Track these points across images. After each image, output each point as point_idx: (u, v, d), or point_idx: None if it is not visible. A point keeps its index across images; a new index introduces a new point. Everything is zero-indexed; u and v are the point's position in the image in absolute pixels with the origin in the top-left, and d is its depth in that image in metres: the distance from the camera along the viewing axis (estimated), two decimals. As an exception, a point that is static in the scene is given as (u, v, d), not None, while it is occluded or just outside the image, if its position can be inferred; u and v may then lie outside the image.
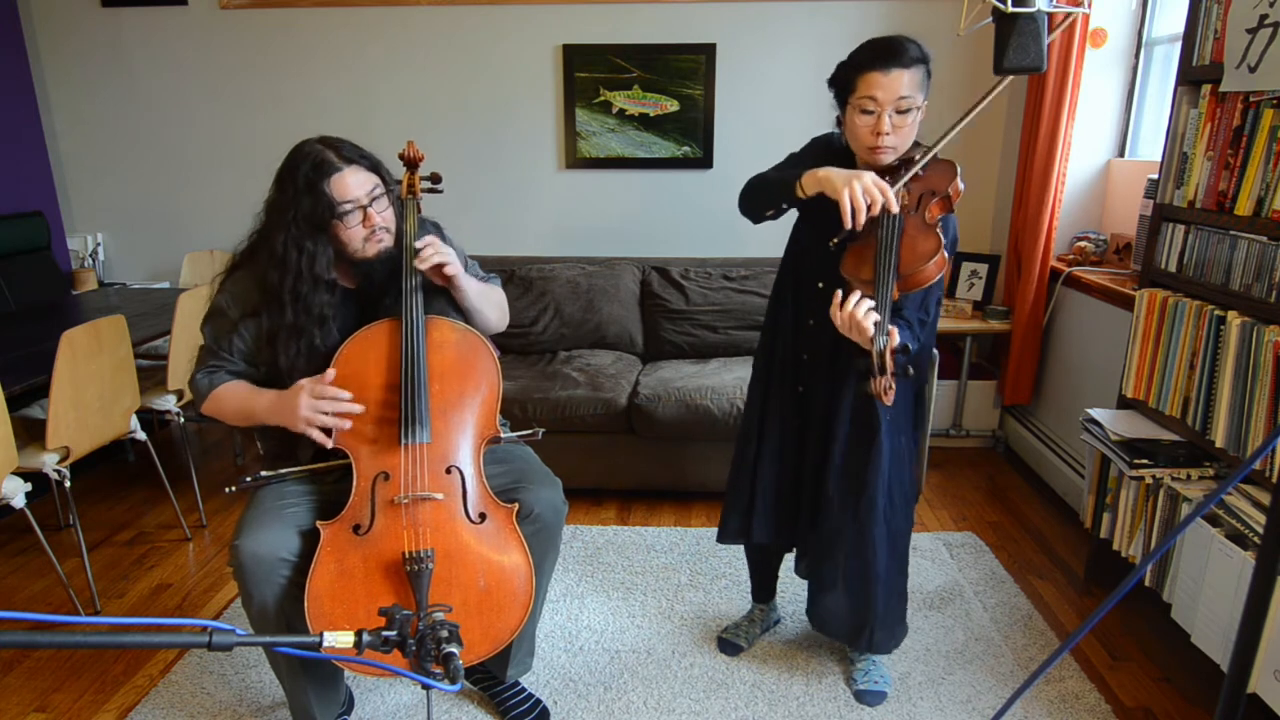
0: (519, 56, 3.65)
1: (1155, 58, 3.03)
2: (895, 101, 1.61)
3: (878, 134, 1.63)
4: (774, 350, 1.94)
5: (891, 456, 1.82)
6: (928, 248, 1.59)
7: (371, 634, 0.91)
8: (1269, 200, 1.84)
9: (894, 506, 1.85)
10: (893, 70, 1.60)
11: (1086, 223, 3.23)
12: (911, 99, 1.62)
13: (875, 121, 1.63)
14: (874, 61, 1.61)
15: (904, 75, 1.60)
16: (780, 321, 1.92)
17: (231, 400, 1.69)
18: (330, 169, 1.60)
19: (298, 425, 1.60)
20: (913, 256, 1.59)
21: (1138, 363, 2.29)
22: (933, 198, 1.63)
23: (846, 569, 1.88)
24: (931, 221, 1.63)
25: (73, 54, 3.77)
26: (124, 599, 2.51)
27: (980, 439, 3.62)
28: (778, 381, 1.93)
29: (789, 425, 1.93)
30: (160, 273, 4.01)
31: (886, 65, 1.60)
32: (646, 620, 2.35)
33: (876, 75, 1.60)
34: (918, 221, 1.62)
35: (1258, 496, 1.84)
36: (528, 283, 3.49)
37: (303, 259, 1.62)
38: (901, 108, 1.62)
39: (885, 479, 1.82)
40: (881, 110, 1.62)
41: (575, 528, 2.87)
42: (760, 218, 1.81)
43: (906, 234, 1.61)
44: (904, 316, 1.72)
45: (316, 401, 1.59)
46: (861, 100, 1.63)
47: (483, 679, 2.01)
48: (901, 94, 1.60)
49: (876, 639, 1.94)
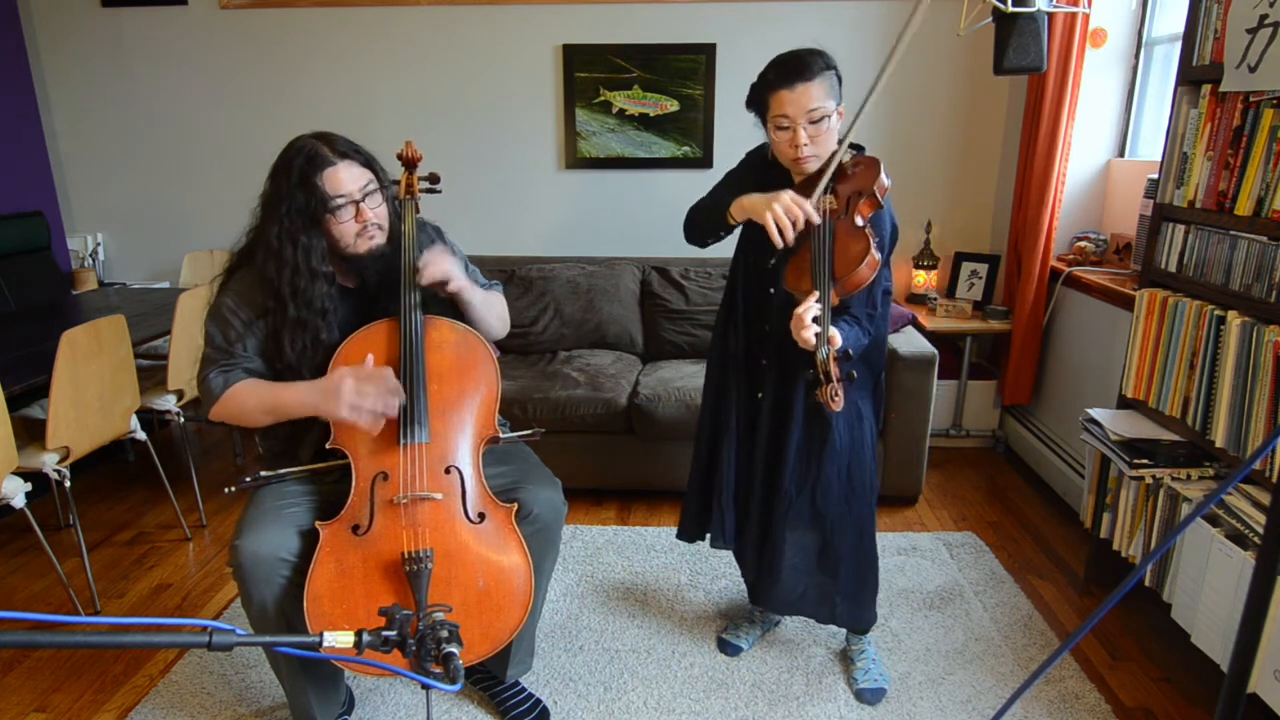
0: (519, 56, 3.65)
1: (1155, 58, 3.03)
2: (806, 114, 1.68)
3: (795, 146, 1.71)
4: (727, 358, 1.99)
5: (851, 444, 1.88)
6: (858, 250, 1.65)
7: (371, 634, 0.91)
8: (1269, 200, 1.84)
9: (854, 491, 1.91)
10: (797, 86, 1.67)
11: (1086, 223, 3.23)
12: (822, 108, 1.68)
13: (792, 135, 1.71)
14: (779, 81, 1.69)
15: (809, 88, 1.67)
16: (731, 330, 1.98)
17: (253, 396, 1.65)
18: (323, 163, 1.60)
19: (341, 413, 1.54)
20: (845, 260, 1.66)
21: (1138, 363, 2.29)
22: (860, 198, 1.70)
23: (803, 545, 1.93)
24: (863, 222, 1.69)
25: (73, 54, 3.77)
26: (124, 599, 2.51)
27: (980, 439, 3.62)
28: (734, 386, 1.98)
29: (744, 428, 1.98)
30: (160, 273, 4.01)
31: (791, 82, 1.68)
32: (646, 620, 2.35)
33: (784, 93, 1.68)
34: (848, 225, 1.69)
35: (1258, 496, 1.84)
36: (528, 283, 3.49)
37: (298, 252, 1.61)
38: (813, 118, 1.69)
39: (844, 463, 1.88)
40: (795, 124, 1.69)
41: (575, 528, 2.87)
42: (705, 244, 1.93)
43: (838, 240, 1.68)
44: (852, 314, 1.78)
45: (363, 385, 1.55)
46: (776, 118, 1.72)
47: (483, 679, 2.01)
48: (810, 106, 1.68)
49: (840, 611, 1.99)
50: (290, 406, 1.63)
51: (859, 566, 1.97)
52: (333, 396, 1.55)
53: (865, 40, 3.51)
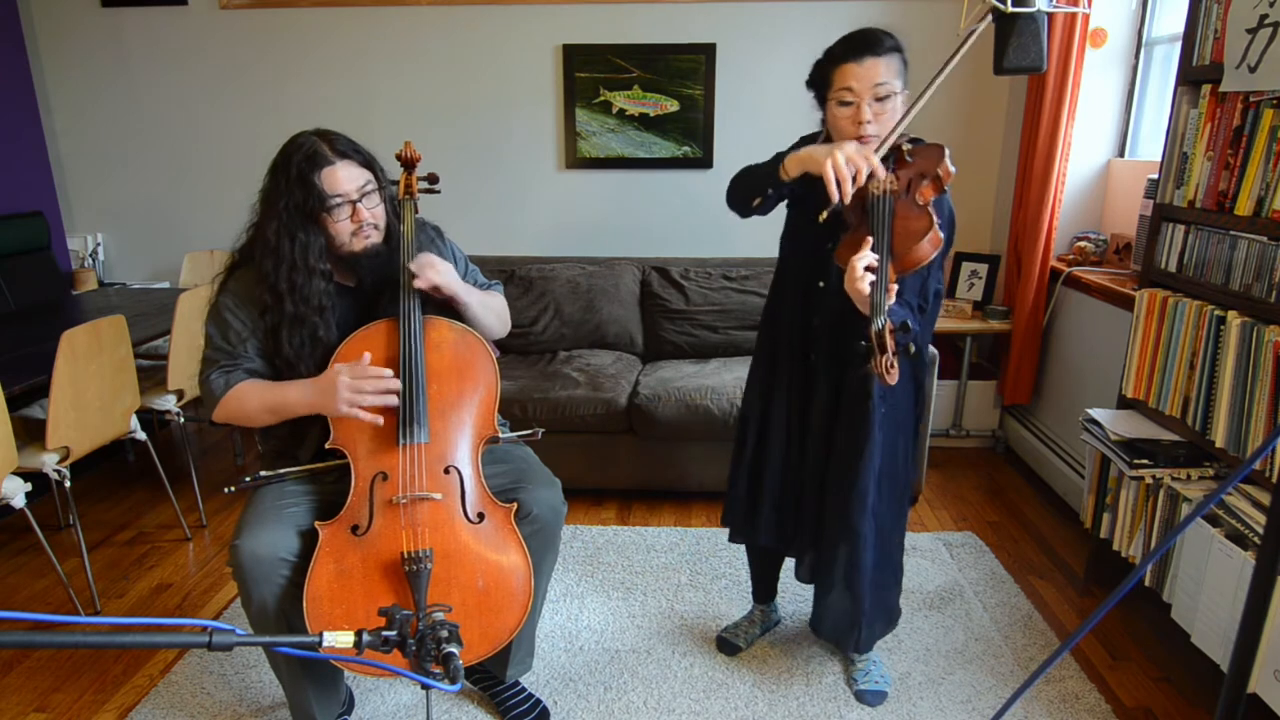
0: (519, 56, 3.65)
1: (1155, 58, 3.03)
2: (873, 89, 1.62)
3: (859, 123, 1.63)
4: (776, 353, 1.92)
5: (885, 450, 1.81)
6: (920, 225, 1.57)
7: (371, 634, 0.91)
8: (1269, 200, 1.84)
9: (883, 501, 1.84)
10: (866, 60, 1.61)
11: (1086, 223, 3.23)
12: (888, 85, 1.62)
13: (855, 111, 1.64)
14: (848, 53, 1.63)
15: (879, 63, 1.61)
16: (780, 322, 1.91)
17: (255, 396, 1.65)
18: (322, 161, 1.60)
19: (339, 409, 1.56)
20: (906, 235, 1.57)
21: (1138, 363, 2.29)
22: (922, 180, 1.62)
23: (840, 570, 1.88)
24: (923, 203, 1.62)
25: (73, 54, 3.77)
26: (124, 599, 2.51)
27: (980, 439, 3.62)
28: (783, 383, 1.91)
29: (793, 426, 1.92)
30: (160, 273, 4.01)
31: (860, 55, 1.62)
32: (646, 620, 2.35)
33: (851, 66, 1.62)
34: (909, 203, 1.61)
35: (1258, 496, 1.84)
36: (528, 283, 3.49)
37: (295, 248, 1.61)
38: (879, 94, 1.62)
39: (875, 472, 1.80)
40: (860, 100, 1.63)
41: (575, 528, 2.87)
42: (748, 210, 1.79)
43: (898, 216, 1.60)
44: (904, 299, 1.70)
45: (358, 382, 1.56)
46: (839, 93, 1.65)
47: (483, 679, 2.01)
48: (878, 80, 1.61)
49: (862, 637, 1.95)
50: (291, 405, 1.64)
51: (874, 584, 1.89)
52: (330, 393, 1.57)
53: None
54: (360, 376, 1.57)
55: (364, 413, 1.57)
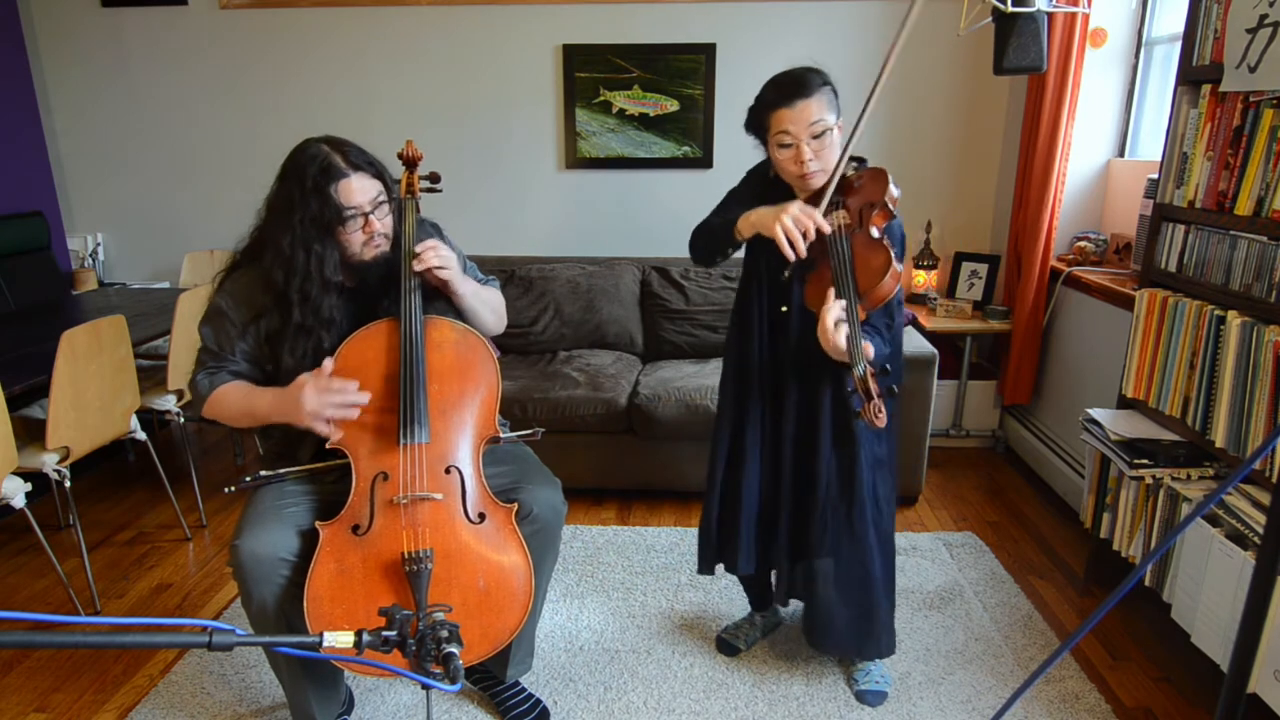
0: (519, 56, 3.65)
1: (1155, 58, 3.03)
2: (808, 129, 1.68)
3: (800, 162, 1.70)
4: (745, 378, 1.94)
5: (872, 461, 1.86)
6: (879, 262, 1.63)
7: (371, 634, 0.91)
8: (1269, 200, 1.84)
9: (880, 510, 1.88)
10: (797, 103, 1.68)
11: (1086, 223, 3.23)
12: (823, 122, 1.69)
13: (795, 152, 1.71)
14: (779, 99, 1.70)
15: (809, 104, 1.68)
16: (747, 348, 1.92)
17: (233, 401, 1.68)
18: (338, 174, 1.59)
19: (304, 420, 1.58)
20: (868, 274, 1.63)
21: (1138, 363, 2.29)
22: (873, 210, 1.69)
23: (846, 581, 1.89)
24: (878, 234, 1.68)
25: (73, 54, 3.77)
26: (124, 599, 2.51)
27: (980, 439, 3.62)
28: (754, 407, 1.93)
29: (766, 450, 1.94)
30: (160, 273, 4.01)
31: (791, 99, 1.68)
32: (646, 620, 2.35)
33: (784, 111, 1.69)
34: (864, 238, 1.67)
35: (1258, 496, 1.84)
36: (528, 283, 3.49)
37: (311, 260, 1.61)
38: (815, 132, 1.69)
39: (870, 483, 1.85)
40: (798, 140, 1.69)
41: (575, 528, 2.87)
42: (713, 262, 1.88)
43: (857, 254, 1.66)
44: (871, 324, 1.75)
45: (322, 395, 1.57)
46: (778, 136, 1.71)
47: (483, 679, 2.01)
48: (811, 120, 1.68)
49: (883, 645, 1.97)
50: (261, 412, 1.66)
51: (885, 590, 1.93)
52: (294, 404, 1.58)
53: (865, 40, 3.51)
54: (325, 390, 1.58)
55: (323, 425, 1.59)
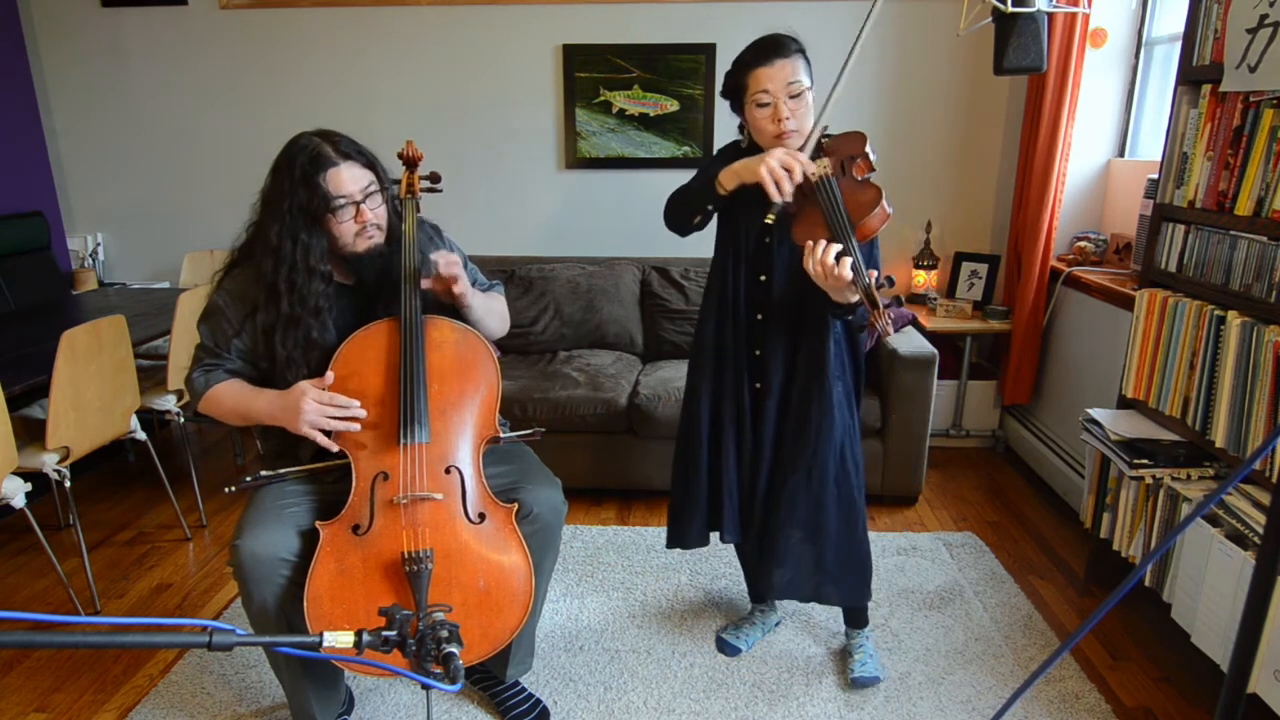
0: (519, 56, 3.65)
1: (1155, 58, 3.03)
2: (786, 88, 1.73)
3: (779, 120, 1.73)
4: (721, 352, 1.96)
5: (841, 427, 1.89)
6: (869, 196, 1.68)
7: (371, 634, 0.91)
8: (1269, 200, 1.84)
9: (845, 472, 1.91)
10: (776, 62, 1.73)
11: (1086, 223, 3.23)
12: (800, 82, 1.74)
13: (773, 110, 1.74)
14: (758, 58, 1.75)
15: (787, 64, 1.73)
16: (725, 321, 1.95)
17: (228, 399, 1.69)
18: (327, 163, 1.60)
19: (300, 429, 1.59)
20: (858, 206, 1.68)
21: (1138, 363, 2.29)
22: (854, 161, 1.73)
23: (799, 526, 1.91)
24: (861, 178, 1.73)
25: (73, 54, 3.77)
26: (124, 599, 2.51)
27: (980, 439, 3.62)
28: (732, 381, 1.95)
29: (744, 421, 1.96)
30: (160, 273, 4.01)
31: (769, 59, 1.73)
32: (646, 620, 2.35)
33: (763, 69, 1.74)
34: (850, 181, 1.73)
35: (1258, 496, 1.84)
36: (528, 283, 3.49)
37: (297, 249, 1.62)
38: (793, 92, 1.73)
39: (836, 446, 1.89)
40: (776, 99, 1.73)
41: (575, 528, 2.87)
42: (688, 229, 1.91)
43: (845, 191, 1.71)
44: None
45: (321, 406, 1.58)
46: (756, 95, 1.75)
47: (483, 679, 2.01)
48: (790, 80, 1.72)
49: (824, 591, 1.97)
50: (257, 414, 1.67)
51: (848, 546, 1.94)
52: (294, 411, 1.59)
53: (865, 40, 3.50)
54: (326, 403, 1.58)
55: (320, 435, 1.59)
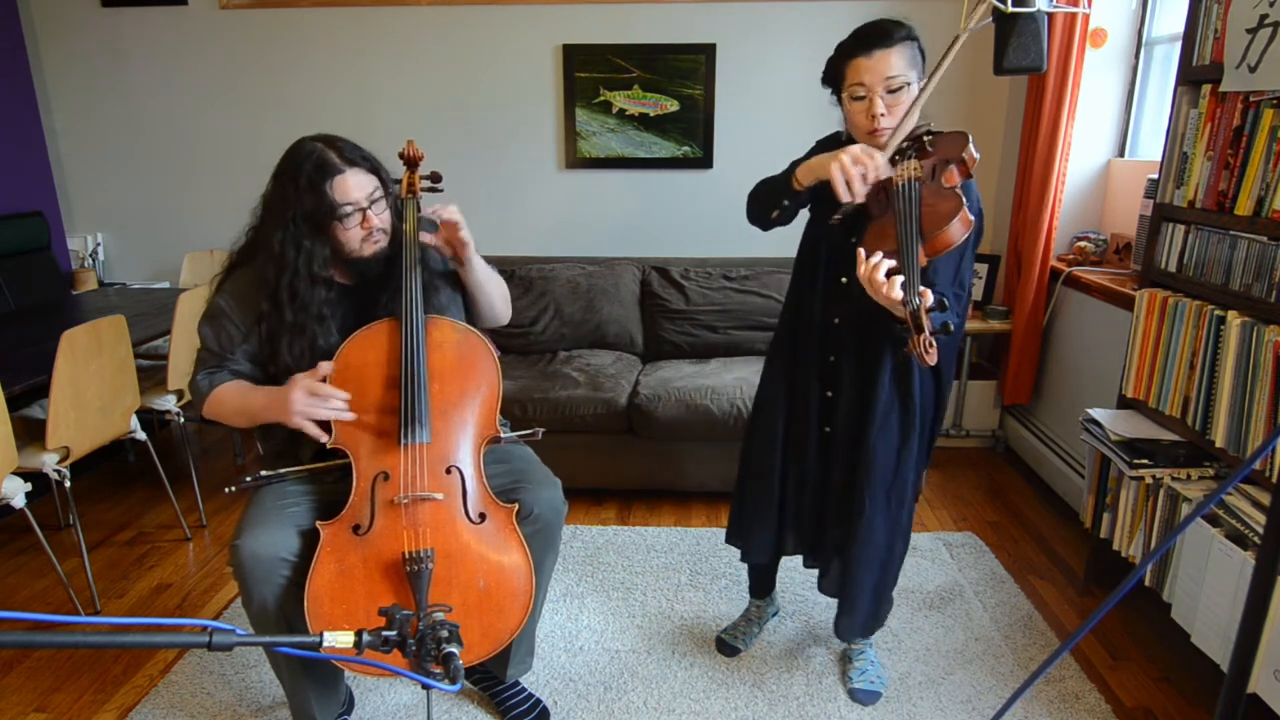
0: (519, 56, 3.65)
1: (1155, 58, 3.03)
2: (884, 82, 1.60)
3: (872, 116, 1.62)
4: (795, 354, 1.88)
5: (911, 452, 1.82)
6: (948, 207, 1.53)
7: (371, 634, 0.91)
8: (1269, 200, 1.84)
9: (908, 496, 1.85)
10: (875, 52, 1.60)
11: (1086, 223, 3.23)
12: (900, 76, 1.61)
13: (868, 105, 1.63)
14: (857, 48, 1.63)
15: (889, 55, 1.60)
16: (800, 323, 1.87)
17: (230, 400, 1.68)
18: (333, 170, 1.60)
19: (291, 420, 1.59)
20: (934, 216, 1.54)
21: (1138, 363, 2.29)
22: (947, 165, 1.60)
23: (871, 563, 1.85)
24: (950, 186, 1.59)
25: (73, 54, 3.77)
26: (124, 599, 2.50)
27: (980, 439, 3.62)
28: (802, 385, 1.87)
29: (815, 428, 1.88)
30: (160, 273, 4.01)
31: (869, 49, 1.61)
32: (646, 620, 2.35)
33: (861, 60, 1.61)
34: (935, 188, 1.59)
35: (1258, 496, 1.84)
36: (528, 283, 3.49)
37: (300, 257, 1.62)
38: (891, 87, 1.61)
39: (912, 464, 1.82)
40: (872, 93, 1.62)
41: (575, 528, 2.87)
42: (769, 223, 1.80)
43: (925, 200, 1.57)
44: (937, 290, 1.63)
45: (311, 397, 1.58)
46: (852, 87, 1.64)
47: (483, 679, 2.01)
48: (889, 74, 1.60)
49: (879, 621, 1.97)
50: (255, 411, 1.66)
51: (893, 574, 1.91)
52: (285, 405, 1.58)
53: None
54: (313, 392, 1.58)
55: (312, 426, 1.59)
